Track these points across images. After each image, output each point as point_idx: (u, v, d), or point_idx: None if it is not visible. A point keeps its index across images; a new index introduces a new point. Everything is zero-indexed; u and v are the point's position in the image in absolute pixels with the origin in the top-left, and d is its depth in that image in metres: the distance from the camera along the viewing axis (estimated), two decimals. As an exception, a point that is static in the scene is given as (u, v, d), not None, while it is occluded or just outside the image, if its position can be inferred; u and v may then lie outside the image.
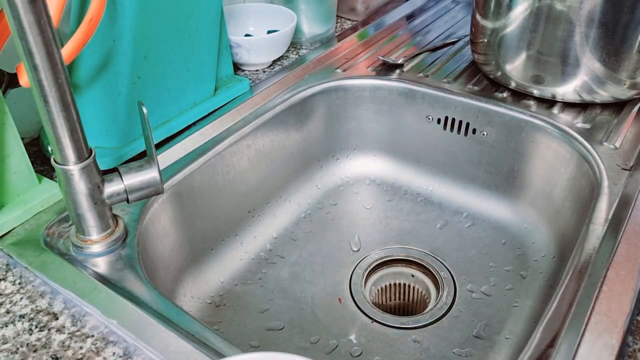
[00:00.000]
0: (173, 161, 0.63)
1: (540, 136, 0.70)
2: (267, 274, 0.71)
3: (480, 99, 0.74)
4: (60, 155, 0.44)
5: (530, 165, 0.73)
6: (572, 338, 0.43)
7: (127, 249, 0.51)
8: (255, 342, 0.63)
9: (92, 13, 0.48)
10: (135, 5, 0.55)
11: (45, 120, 0.42)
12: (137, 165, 0.50)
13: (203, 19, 0.65)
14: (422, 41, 0.91)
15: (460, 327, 0.64)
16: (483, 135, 0.75)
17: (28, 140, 0.66)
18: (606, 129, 0.67)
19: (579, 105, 0.71)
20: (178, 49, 0.63)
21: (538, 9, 0.66)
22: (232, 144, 0.68)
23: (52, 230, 0.53)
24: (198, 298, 0.66)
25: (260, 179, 0.75)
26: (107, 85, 0.59)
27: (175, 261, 0.64)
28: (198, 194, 0.65)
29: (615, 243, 0.51)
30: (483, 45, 0.75)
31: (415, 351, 0.61)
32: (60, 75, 0.40)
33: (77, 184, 0.46)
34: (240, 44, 0.77)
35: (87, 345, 0.42)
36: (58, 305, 0.46)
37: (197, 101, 0.69)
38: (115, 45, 0.57)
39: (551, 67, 0.69)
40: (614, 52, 0.65)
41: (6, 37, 0.49)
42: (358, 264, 0.72)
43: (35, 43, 0.38)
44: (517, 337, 0.62)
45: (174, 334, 0.43)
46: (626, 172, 0.61)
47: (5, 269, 0.50)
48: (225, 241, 0.71)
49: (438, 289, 0.69)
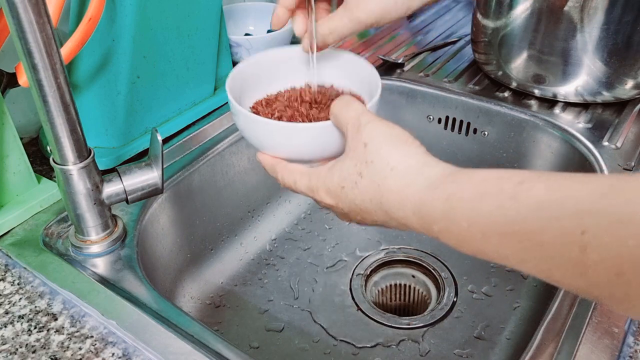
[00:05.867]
0: (172, 161, 0.63)
1: (542, 136, 0.70)
2: (267, 275, 0.71)
3: (481, 99, 0.74)
4: (60, 155, 0.44)
5: (531, 165, 0.73)
6: (573, 339, 0.42)
7: (126, 249, 0.51)
8: (256, 342, 0.63)
9: (91, 12, 0.48)
10: (134, 4, 0.55)
11: (44, 120, 0.42)
12: (136, 165, 0.50)
13: (203, 19, 0.65)
14: (422, 40, 0.91)
15: (461, 327, 0.63)
16: (484, 135, 0.75)
17: (27, 140, 0.66)
18: (607, 128, 0.67)
19: (580, 105, 0.71)
20: (178, 49, 0.63)
21: (539, 9, 0.66)
22: (232, 144, 0.68)
23: (51, 231, 0.53)
24: (197, 298, 0.66)
25: (260, 179, 0.74)
26: (107, 85, 0.59)
27: (175, 261, 0.64)
28: (197, 194, 0.65)
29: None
30: (484, 45, 0.75)
31: (416, 352, 0.61)
32: (60, 75, 0.40)
33: (76, 184, 0.46)
34: (240, 44, 0.76)
35: (86, 346, 0.42)
36: (57, 305, 0.46)
37: (196, 101, 0.69)
38: (114, 45, 0.57)
39: (552, 67, 0.68)
40: (616, 52, 0.64)
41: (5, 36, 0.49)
42: (358, 265, 0.72)
43: (35, 42, 0.38)
44: (518, 338, 0.61)
45: (173, 335, 0.43)
46: (627, 172, 0.60)
47: (4, 269, 0.49)
48: (224, 241, 0.71)
49: (439, 289, 0.69)
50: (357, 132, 0.36)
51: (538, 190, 0.27)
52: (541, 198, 0.26)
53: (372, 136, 0.35)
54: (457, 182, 0.31)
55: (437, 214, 0.31)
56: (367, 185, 0.35)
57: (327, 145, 0.39)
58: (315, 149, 0.40)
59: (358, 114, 0.37)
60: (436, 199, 0.31)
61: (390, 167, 0.34)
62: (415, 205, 0.32)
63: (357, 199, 0.36)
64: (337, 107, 0.38)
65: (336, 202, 0.38)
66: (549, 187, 0.26)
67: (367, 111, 0.37)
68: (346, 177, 0.36)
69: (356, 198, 0.36)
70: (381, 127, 0.35)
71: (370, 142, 0.35)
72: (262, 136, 0.41)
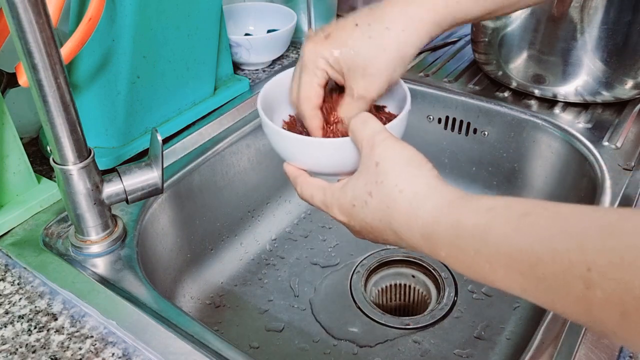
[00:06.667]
0: (172, 161, 0.63)
1: (541, 136, 0.70)
2: (267, 275, 0.71)
3: (481, 99, 0.74)
4: (60, 155, 0.44)
5: (531, 165, 0.73)
6: (572, 339, 0.42)
7: (126, 249, 0.51)
8: (256, 342, 0.63)
9: (91, 12, 0.48)
10: (134, 4, 0.55)
11: (44, 120, 0.42)
12: (136, 165, 0.50)
13: (202, 18, 0.64)
14: (422, 41, 0.91)
15: (461, 327, 0.63)
16: (484, 135, 0.75)
17: (27, 140, 0.66)
18: (607, 128, 0.67)
19: (580, 104, 0.71)
20: (177, 49, 0.63)
21: (539, 9, 0.66)
22: (232, 144, 0.68)
23: (51, 231, 0.53)
24: (197, 298, 0.66)
25: (260, 179, 0.74)
26: (107, 85, 0.59)
27: (175, 261, 0.64)
28: (197, 194, 0.65)
29: (616, 243, 0.51)
30: (484, 45, 0.75)
31: (416, 352, 0.61)
32: (60, 75, 0.40)
33: (76, 184, 0.46)
34: (240, 43, 0.76)
35: (86, 346, 0.42)
36: (57, 305, 0.46)
37: (196, 101, 0.69)
38: (114, 45, 0.57)
39: (552, 67, 0.68)
40: (616, 52, 0.64)
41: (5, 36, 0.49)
42: (359, 265, 0.72)
43: (35, 42, 0.38)
44: (518, 338, 0.61)
45: (173, 335, 0.43)
46: (627, 172, 0.60)
47: (4, 269, 0.49)
48: (224, 241, 0.71)
49: (439, 289, 0.69)
50: (371, 150, 0.36)
51: (544, 223, 0.26)
52: (547, 231, 0.26)
53: (384, 156, 0.35)
54: (464, 209, 0.31)
55: (444, 240, 0.31)
56: (377, 206, 0.35)
57: (347, 161, 0.40)
58: (334, 163, 0.41)
59: (374, 132, 0.37)
60: (443, 225, 0.31)
61: (399, 189, 0.34)
62: (424, 230, 0.32)
63: (367, 218, 0.36)
64: (354, 124, 0.38)
65: (348, 220, 0.38)
66: (555, 220, 0.26)
67: (383, 130, 0.37)
68: (357, 195, 0.36)
69: (367, 217, 0.36)
70: (394, 148, 0.36)
71: (382, 162, 0.35)
72: (284, 147, 0.42)
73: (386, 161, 0.35)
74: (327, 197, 0.39)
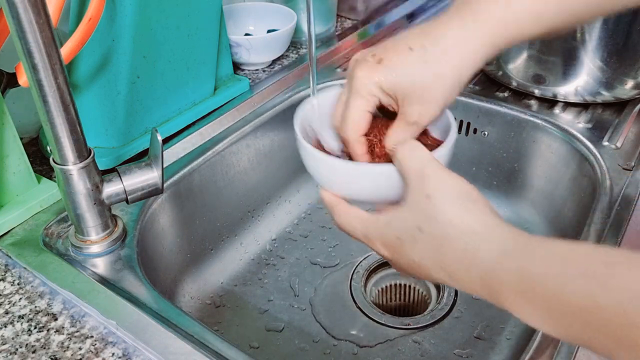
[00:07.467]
0: (172, 161, 0.63)
1: (541, 136, 0.70)
2: (267, 275, 0.71)
3: (481, 99, 0.73)
4: (60, 155, 0.44)
5: (531, 165, 0.73)
6: (573, 339, 0.42)
7: (126, 249, 0.51)
8: (256, 342, 0.63)
9: (91, 12, 0.48)
10: (134, 4, 0.55)
11: (44, 120, 0.42)
12: (136, 165, 0.50)
13: (202, 18, 0.65)
14: (422, 41, 0.91)
15: (461, 328, 0.63)
16: (484, 135, 0.75)
17: (27, 140, 0.66)
18: (607, 128, 0.67)
19: (580, 105, 0.71)
20: (177, 49, 0.63)
21: (539, 9, 0.65)
22: (232, 144, 0.68)
23: (51, 231, 0.53)
24: (197, 298, 0.66)
25: (260, 179, 0.74)
26: (107, 85, 0.59)
27: (175, 261, 0.64)
28: (197, 194, 0.65)
29: (616, 243, 0.51)
30: (484, 45, 0.74)
31: (416, 352, 0.61)
32: (60, 75, 0.40)
33: (76, 184, 0.46)
34: (240, 43, 0.76)
35: (86, 346, 0.42)
36: (57, 305, 0.46)
37: (196, 101, 0.69)
38: (114, 45, 0.57)
39: (552, 67, 0.68)
40: (616, 52, 0.64)
41: (5, 36, 0.49)
42: (359, 265, 0.72)
43: (35, 42, 0.38)
44: (518, 338, 0.61)
45: (173, 335, 0.43)
46: (627, 172, 0.60)
47: (4, 269, 0.49)
48: (224, 241, 0.71)
49: (439, 289, 0.69)
50: (421, 182, 0.34)
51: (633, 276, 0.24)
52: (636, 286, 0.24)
53: (436, 189, 0.33)
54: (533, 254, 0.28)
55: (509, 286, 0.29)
56: (428, 242, 0.33)
57: (391, 190, 0.38)
58: (377, 192, 0.39)
59: (423, 162, 0.35)
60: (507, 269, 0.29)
61: (453, 226, 0.31)
62: (484, 273, 0.30)
63: (415, 255, 0.33)
64: (402, 152, 0.36)
65: (392, 255, 0.36)
66: None
67: (433, 160, 0.35)
68: (403, 229, 0.34)
69: (414, 254, 0.33)
70: (448, 181, 0.34)
71: (434, 195, 0.33)
72: (323, 173, 0.40)
73: (438, 194, 0.33)
74: (370, 230, 0.37)
